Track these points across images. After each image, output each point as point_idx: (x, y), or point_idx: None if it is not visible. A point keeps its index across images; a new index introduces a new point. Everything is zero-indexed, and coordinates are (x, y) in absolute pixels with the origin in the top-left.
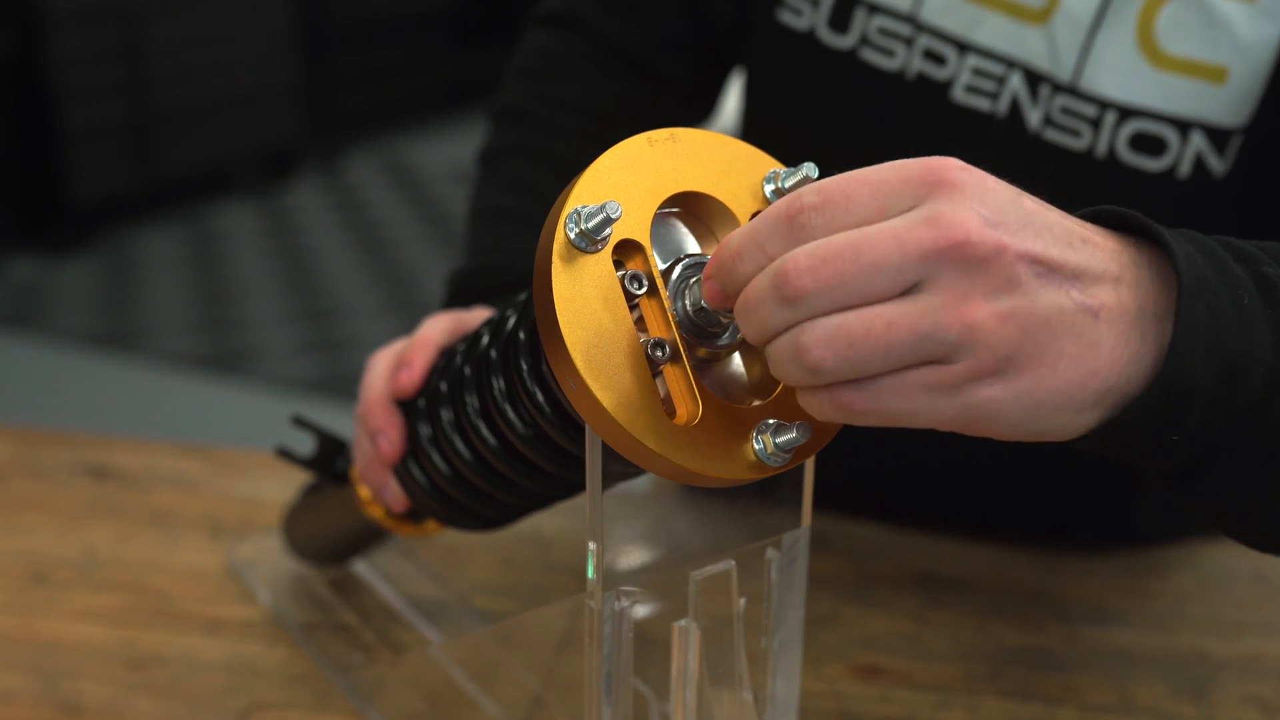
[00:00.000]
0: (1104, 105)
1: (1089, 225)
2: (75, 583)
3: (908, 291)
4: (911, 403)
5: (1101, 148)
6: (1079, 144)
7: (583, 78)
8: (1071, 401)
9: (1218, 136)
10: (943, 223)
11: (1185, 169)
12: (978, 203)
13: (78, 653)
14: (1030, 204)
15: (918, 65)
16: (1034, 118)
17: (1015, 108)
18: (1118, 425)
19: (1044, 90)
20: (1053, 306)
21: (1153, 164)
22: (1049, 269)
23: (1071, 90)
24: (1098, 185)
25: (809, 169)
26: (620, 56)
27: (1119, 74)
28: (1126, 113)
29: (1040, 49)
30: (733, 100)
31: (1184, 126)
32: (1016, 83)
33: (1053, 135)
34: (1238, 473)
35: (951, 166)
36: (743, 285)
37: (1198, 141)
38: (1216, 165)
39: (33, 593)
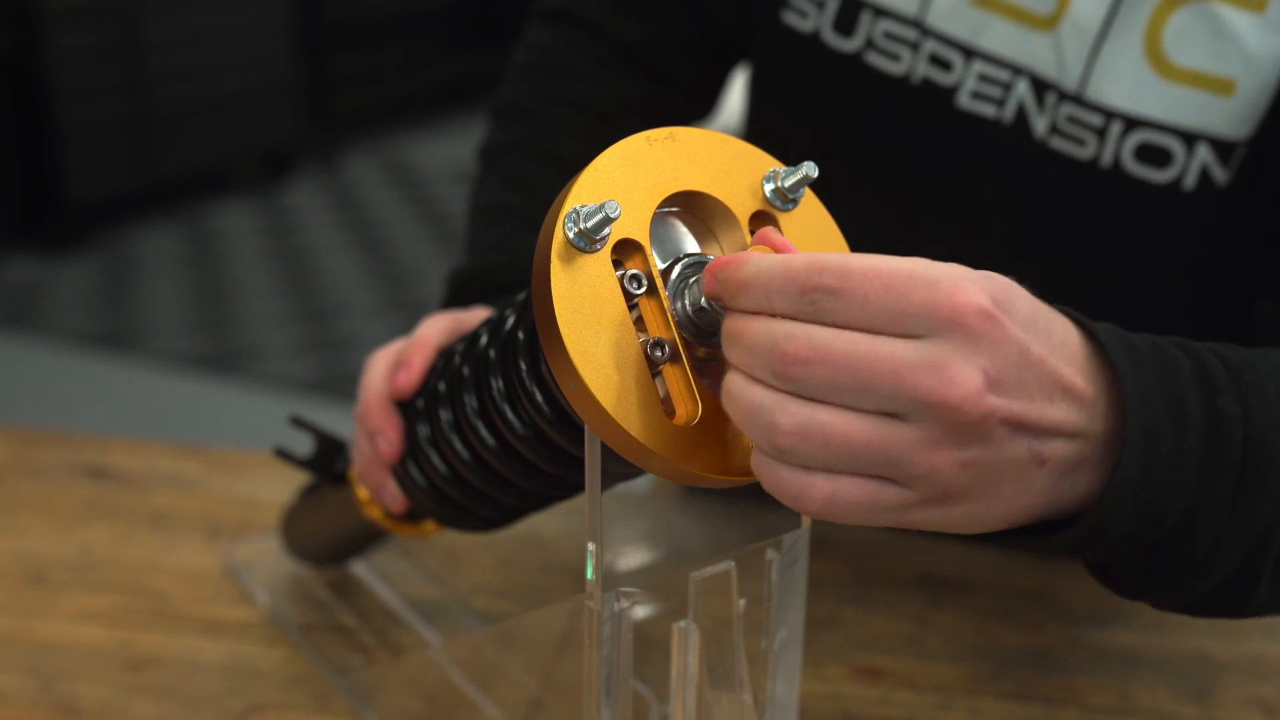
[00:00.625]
0: (1110, 115)
1: (1080, 364)
2: (72, 583)
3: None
4: (858, 510)
5: (1107, 158)
6: (1084, 153)
7: (585, 74)
8: (988, 525)
9: (1223, 149)
10: (945, 377)
11: (1190, 181)
12: (988, 357)
13: (75, 654)
14: (1037, 349)
15: (923, 70)
16: (1040, 125)
17: (1021, 115)
18: (1028, 539)
19: (1050, 98)
20: (1009, 457)
21: (1158, 175)
22: (1024, 427)
23: (1078, 99)
24: (1103, 196)
25: (809, 168)
26: (622, 53)
27: (1126, 84)
28: (1132, 123)
29: (1047, 56)
30: (735, 99)
31: (1190, 139)
32: (1023, 90)
33: (1058, 144)
34: (1144, 577)
35: (975, 310)
36: (736, 308)
37: (1203, 154)
38: (1222, 178)
39: (30, 593)
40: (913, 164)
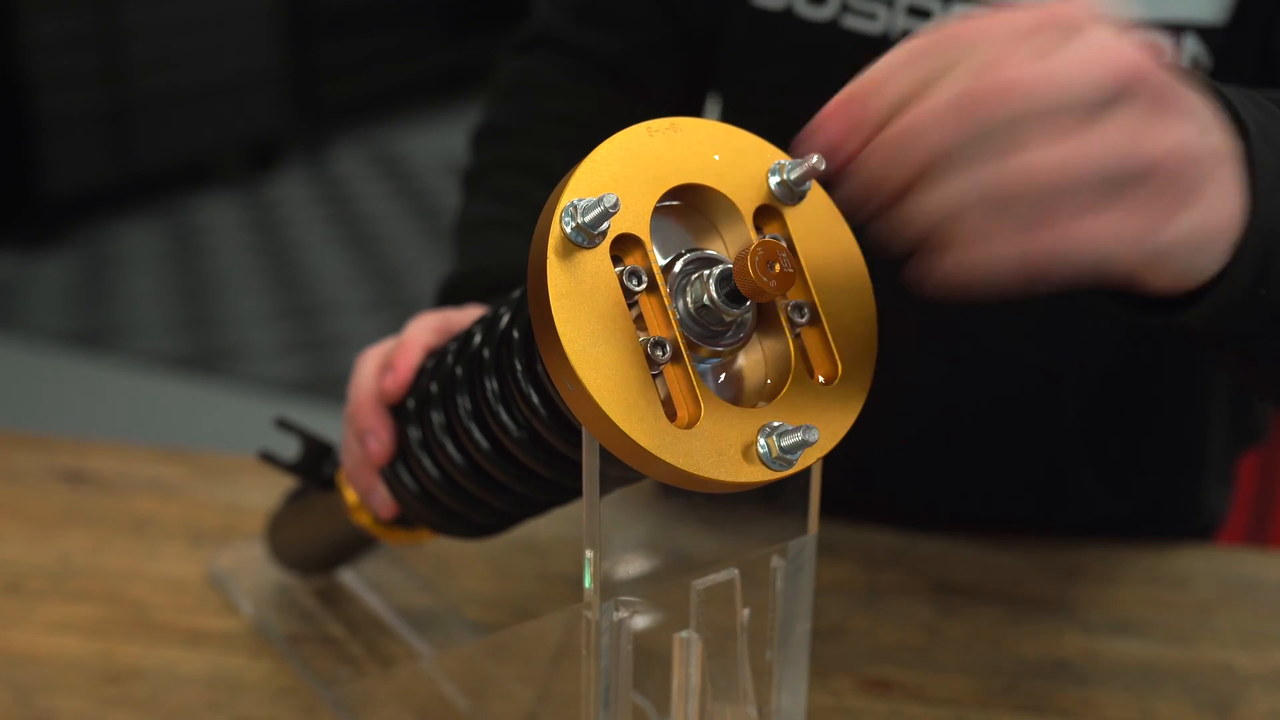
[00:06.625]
0: None
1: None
2: (49, 593)
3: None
4: (1099, 242)
5: None
6: None
7: (565, 89)
8: (1220, 239)
9: (1210, 37)
10: (1116, 50)
11: None
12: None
13: (52, 666)
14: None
15: (903, 24)
16: None
17: None
18: (1230, 275)
19: None
20: (1205, 147)
21: None
22: (1186, 113)
23: None
24: None
25: (816, 160)
26: (601, 68)
27: None
28: None
29: None
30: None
31: (1177, 30)
32: None
33: None
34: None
35: (1084, 10)
36: (883, 113)
37: (1191, 46)
38: (1211, 68)
39: (5, 603)
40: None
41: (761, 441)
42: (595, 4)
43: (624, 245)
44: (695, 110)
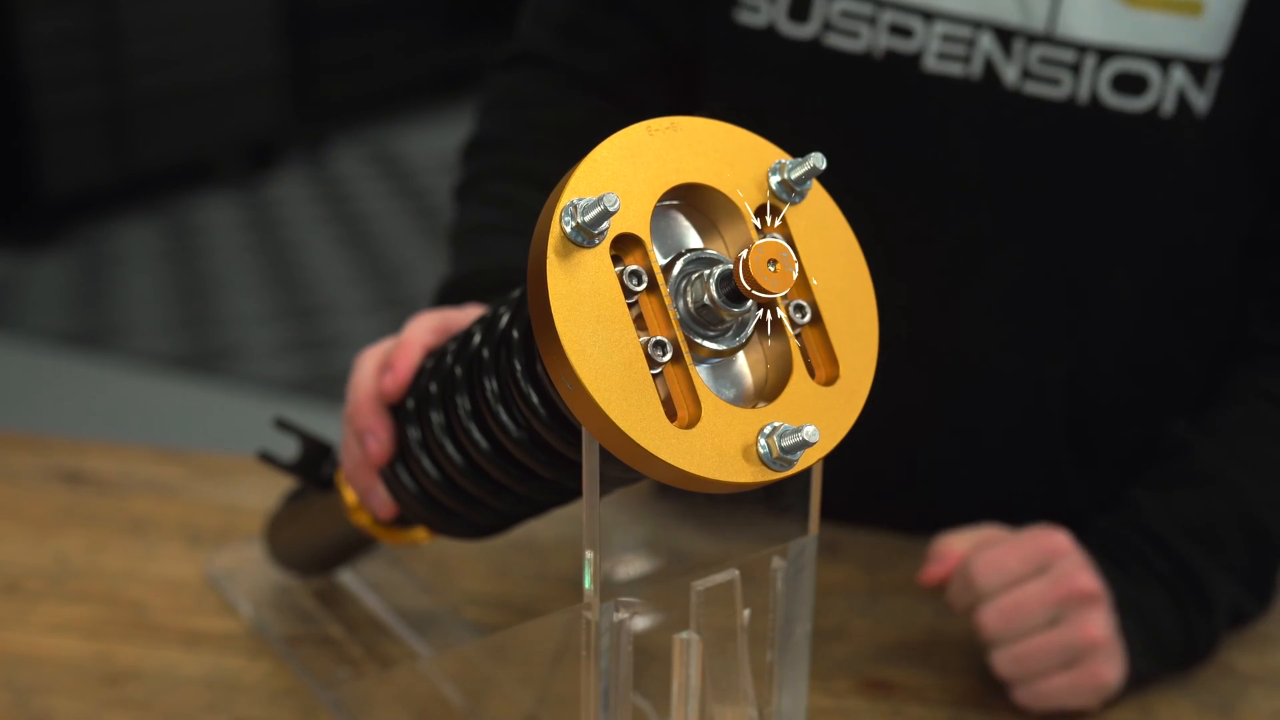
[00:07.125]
0: (1082, 49)
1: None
2: (47, 594)
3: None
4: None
5: (1083, 93)
6: (1059, 93)
7: (554, 100)
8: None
9: (1198, 69)
10: (1066, 578)
11: (1169, 107)
12: (1083, 561)
13: (50, 667)
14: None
15: (885, 42)
16: (1010, 74)
17: (989, 68)
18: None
19: (1018, 44)
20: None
21: (1135, 104)
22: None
23: (1048, 39)
24: (1081, 133)
25: (816, 159)
26: (589, 85)
27: (1094, 16)
28: (1106, 54)
29: (1008, 4)
30: None
31: (1164, 62)
32: (988, 43)
33: (1033, 88)
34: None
35: (1062, 539)
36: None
37: (1179, 77)
38: (1198, 100)
39: (3, 604)
40: (885, 138)
41: (762, 442)
42: (579, 23)
43: (624, 245)
44: None
